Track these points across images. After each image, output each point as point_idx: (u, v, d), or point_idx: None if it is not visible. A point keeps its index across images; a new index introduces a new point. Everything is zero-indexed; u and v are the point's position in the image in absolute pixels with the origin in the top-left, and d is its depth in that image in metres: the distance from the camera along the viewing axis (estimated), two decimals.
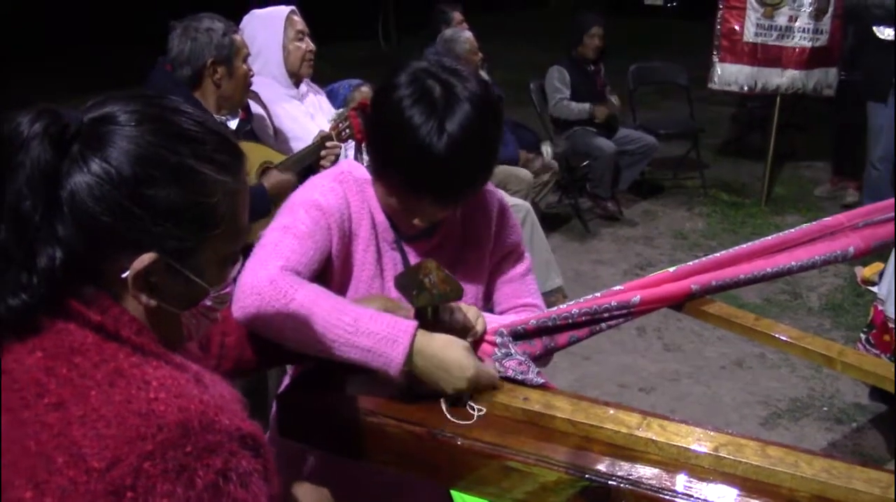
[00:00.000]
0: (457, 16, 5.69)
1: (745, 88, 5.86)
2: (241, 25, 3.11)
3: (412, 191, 1.42)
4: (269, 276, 1.32)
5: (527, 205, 4.55)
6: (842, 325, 4.33)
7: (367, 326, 1.26)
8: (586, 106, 5.66)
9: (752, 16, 5.67)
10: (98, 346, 0.87)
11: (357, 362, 1.28)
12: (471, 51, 4.90)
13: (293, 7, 3.11)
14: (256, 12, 3.12)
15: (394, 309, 1.36)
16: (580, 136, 5.74)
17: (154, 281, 0.92)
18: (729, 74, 5.84)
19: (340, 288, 1.51)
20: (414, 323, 1.29)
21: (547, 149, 5.33)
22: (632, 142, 5.87)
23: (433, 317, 1.30)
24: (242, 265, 1.11)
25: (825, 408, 3.62)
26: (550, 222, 5.82)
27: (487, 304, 1.70)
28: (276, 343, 1.32)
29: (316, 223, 1.45)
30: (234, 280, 1.07)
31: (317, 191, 1.51)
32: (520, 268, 1.70)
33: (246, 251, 1.54)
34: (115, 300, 0.91)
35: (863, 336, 3.59)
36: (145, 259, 0.90)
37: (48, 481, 0.80)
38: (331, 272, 1.50)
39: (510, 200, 4.53)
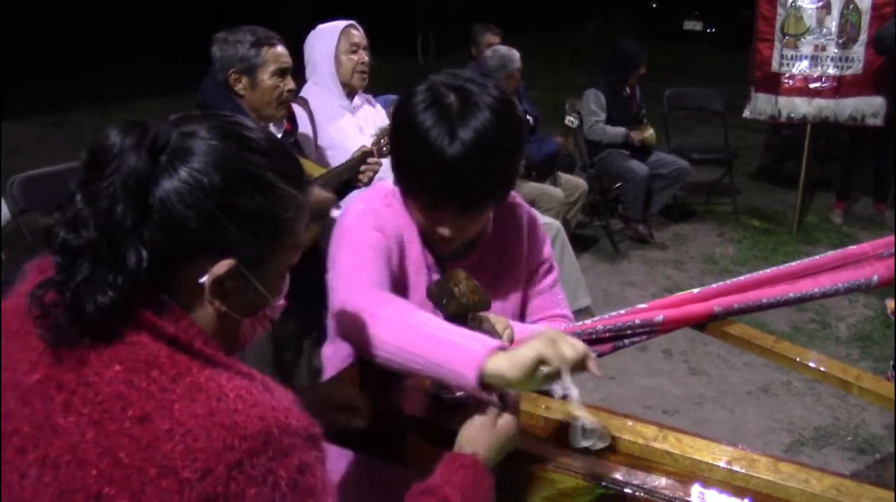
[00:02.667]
0: (489, 38, 5.75)
1: (775, 118, 5.86)
2: (307, 40, 3.24)
3: (427, 198, 1.46)
4: (364, 293, 1.35)
5: (557, 223, 4.59)
6: (870, 356, 4.32)
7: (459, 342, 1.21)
8: (622, 130, 5.70)
9: (778, 46, 5.69)
10: (172, 359, 0.92)
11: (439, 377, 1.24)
12: (519, 70, 4.98)
13: (352, 22, 3.22)
14: (319, 27, 3.26)
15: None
16: (613, 159, 5.78)
17: (227, 287, 0.98)
18: (761, 104, 5.86)
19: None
20: (482, 353, 1.17)
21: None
22: (665, 165, 5.90)
23: (462, 325, 1.35)
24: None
25: (849, 438, 3.61)
26: (581, 242, 5.85)
27: (522, 317, 1.75)
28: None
29: (380, 244, 1.48)
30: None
31: (371, 215, 1.53)
32: (549, 279, 1.75)
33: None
34: (184, 310, 0.97)
35: (892, 363, 3.58)
36: (224, 264, 0.96)
37: (143, 491, 0.85)
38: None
39: (542, 219, 4.60)
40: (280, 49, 2.70)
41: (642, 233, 5.93)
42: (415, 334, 1.24)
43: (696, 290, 1.68)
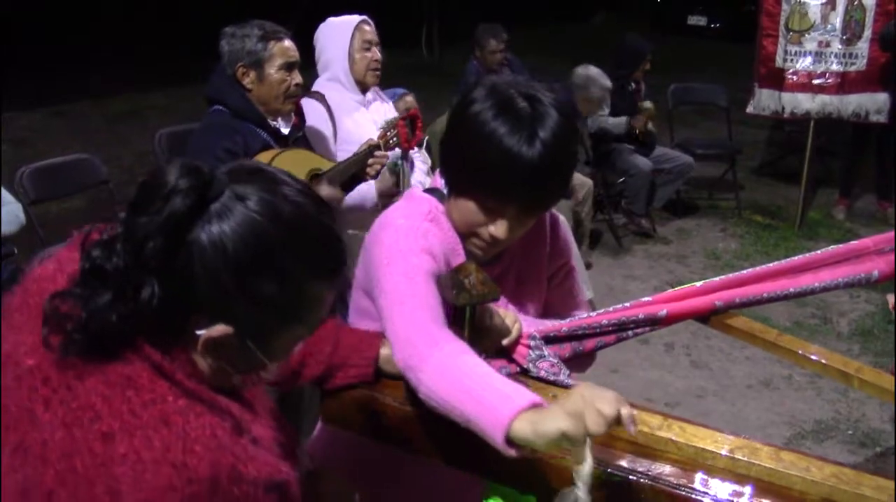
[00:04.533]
0: (493, 43, 5.73)
1: (778, 113, 5.88)
2: (316, 33, 3.26)
3: (498, 200, 1.45)
4: (420, 331, 1.35)
5: (562, 217, 4.60)
6: (870, 351, 4.35)
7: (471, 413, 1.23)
8: (623, 119, 5.72)
9: (783, 42, 5.71)
10: (151, 382, 0.94)
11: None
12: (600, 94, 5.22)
13: (365, 17, 3.23)
14: (330, 20, 3.26)
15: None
16: (617, 154, 5.80)
17: (220, 350, 0.99)
18: (765, 99, 5.87)
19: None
20: (511, 412, 1.17)
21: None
22: (668, 160, 5.93)
23: (471, 317, 1.38)
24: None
25: (850, 432, 3.65)
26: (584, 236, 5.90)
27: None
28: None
29: (431, 269, 1.46)
30: None
31: (419, 235, 1.50)
32: (568, 281, 1.78)
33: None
34: (183, 346, 0.99)
35: (894, 361, 3.62)
36: (221, 330, 0.97)
37: None
38: None
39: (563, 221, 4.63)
40: (287, 43, 2.72)
41: (645, 228, 5.96)
42: (455, 386, 1.25)
43: (698, 284, 1.71)
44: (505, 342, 1.45)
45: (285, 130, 2.76)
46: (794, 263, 1.79)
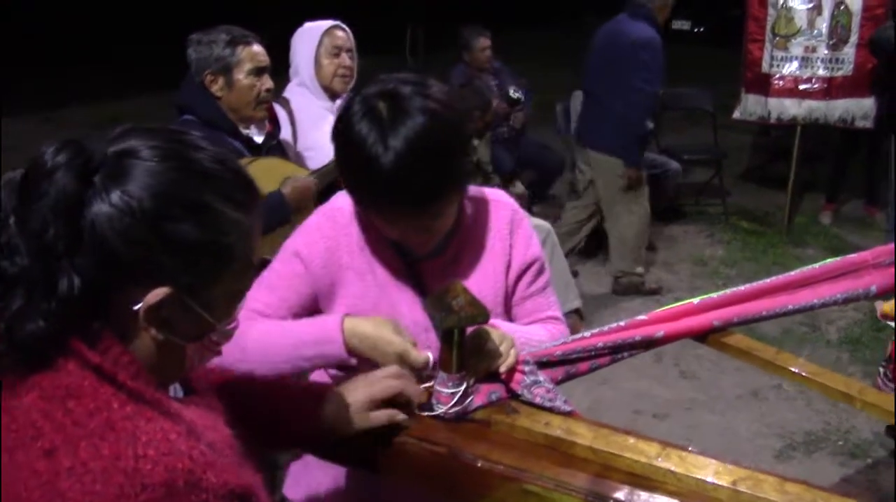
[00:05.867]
0: (482, 41, 5.70)
1: (764, 119, 5.86)
2: (293, 37, 3.18)
3: (375, 207, 1.46)
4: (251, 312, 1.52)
5: (548, 225, 4.53)
6: (859, 359, 4.32)
7: (304, 338, 1.48)
8: None
9: (769, 47, 5.69)
10: (94, 391, 0.88)
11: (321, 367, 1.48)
12: None
13: (338, 22, 3.16)
14: (305, 25, 3.19)
15: (395, 327, 1.46)
16: None
17: (165, 315, 0.93)
18: (751, 104, 5.86)
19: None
20: (337, 317, 1.48)
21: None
22: (655, 166, 5.88)
23: (460, 339, 1.32)
24: None
25: (840, 443, 3.61)
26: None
27: (508, 317, 1.72)
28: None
29: (293, 271, 1.59)
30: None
31: (303, 235, 1.62)
32: (540, 281, 1.72)
33: (260, 267, 1.60)
34: (120, 337, 0.92)
35: (881, 369, 3.58)
36: (159, 293, 0.91)
37: None
38: (329, 308, 1.60)
39: (532, 221, 4.57)
40: (256, 48, 2.65)
41: None
42: (278, 329, 1.51)
43: (695, 301, 1.65)
44: (502, 369, 1.39)
45: (258, 138, 2.68)
46: (791, 279, 1.73)
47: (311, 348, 1.48)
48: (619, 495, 1.20)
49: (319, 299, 1.61)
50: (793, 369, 1.57)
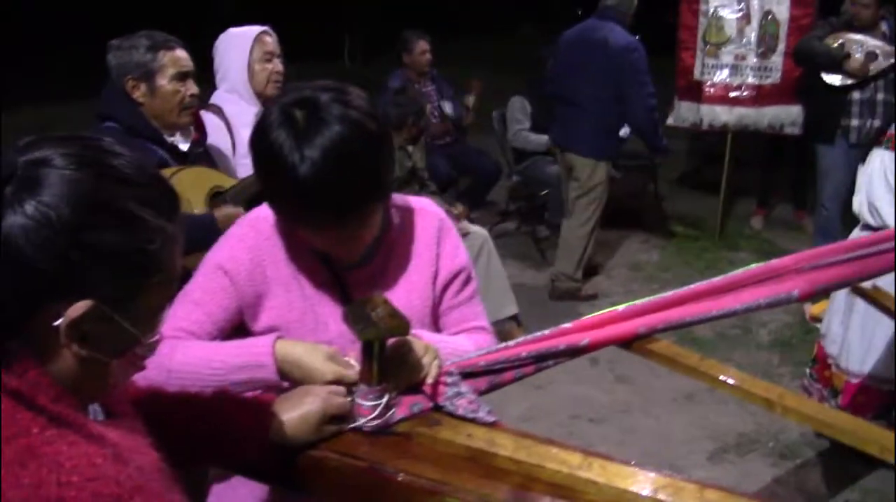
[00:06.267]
0: (422, 44, 5.71)
1: (697, 125, 5.96)
2: (216, 44, 3.12)
3: (295, 218, 1.44)
4: (175, 329, 1.48)
5: (484, 232, 4.57)
6: (789, 361, 4.40)
7: (234, 362, 1.43)
8: (544, 138, 5.72)
9: (700, 54, 5.79)
10: (11, 416, 0.83)
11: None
12: None
13: (266, 28, 3.11)
14: (230, 31, 3.13)
15: (327, 354, 1.41)
16: (538, 166, 5.79)
17: (87, 329, 0.88)
18: (684, 111, 5.96)
19: (269, 333, 1.51)
20: (268, 341, 1.44)
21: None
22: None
23: (380, 351, 1.29)
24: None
25: (771, 444, 3.66)
26: (508, 249, 5.86)
27: (436, 326, 1.71)
28: None
29: (218, 285, 1.55)
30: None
31: (225, 247, 1.59)
32: (467, 290, 1.70)
33: (184, 279, 1.56)
34: (39, 356, 0.88)
35: (808, 370, 3.67)
36: (80, 306, 0.86)
37: None
38: (254, 321, 1.56)
39: (469, 227, 4.57)
40: (179, 52, 2.57)
41: None
42: (207, 352, 1.46)
43: (620, 308, 1.65)
44: (428, 382, 1.37)
45: (184, 146, 2.62)
46: (716, 284, 1.75)
47: (242, 373, 1.43)
48: None
49: (244, 311, 1.57)
50: (716, 375, 1.57)
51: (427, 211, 1.69)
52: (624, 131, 5.17)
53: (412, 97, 4.56)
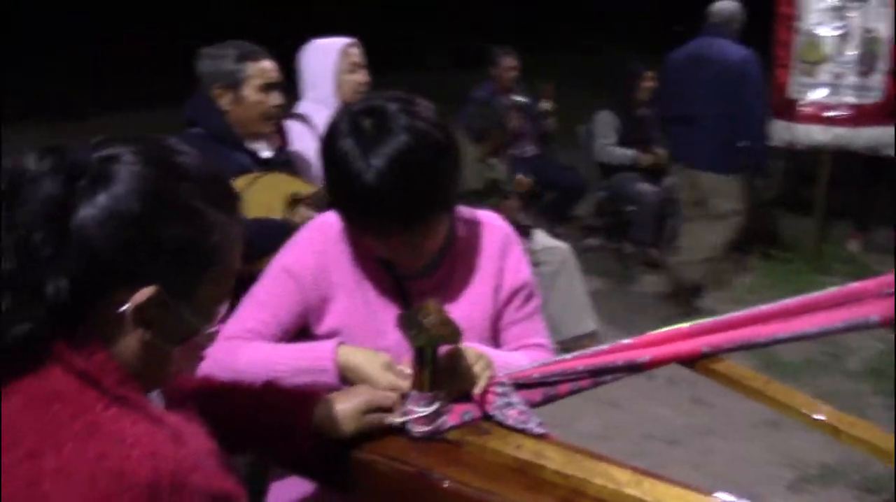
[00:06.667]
0: (508, 61, 5.73)
1: (792, 144, 5.79)
2: (300, 54, 3.20)
3: (360, 226, 1.47)
4: (220, 341, 1.47)
5: (566, 247, 4.55)
6: (880, 391, 4.22)
7: (298, 365, 1.47)
8: (630, 152, 5.66)
9: (795, 72, 5.63)
10: (78, 394, 0.88)
11: None
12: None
13: (352, 40, 3.18)
14: (315, 42, 3.21)
15: (384, 363, 1.44)
16: (625, 182, 5.73)
17: (151, 315, 0.93)
18: (779, 130, 5.78)
19: (331, 337, 1.55)
20: (331, 346, 1.48)
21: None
22: (677, 190, 5.83)
23: (432, 358, 1.30)
24: (231, 305, 1.13)
25: (856, 477, 3.51)
26: (592, 265, 5.80)
27: (496, 340, 1.71)
28: None
29: (284, 288, 1.59)
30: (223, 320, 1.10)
31: (292, 251, 1.63)
32: (529, 307, 1.70)
33: (250, 281, 1.61)
34: (105, 341, 0.93)
35: None
36: (145, 292, 0.92)
37: None
38: (317, 324, 1.60)
39: (550, 242, 4.55)
40: (266, 64, 2.65)
41: (654, 258, 5.86)
42: (274, 352, 1.51)
43: (686, 325, 1.62)
44: (475, 390, 1.38)
45: (267, 154, 2.69)
46: (789, 306, 1.70)
47: (305, 376, 1.47)
48: None
49: (309, 314, 1.61)
50: (780, 399, 1.53)
51: (493, 224, 1.69)
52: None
53: (495, 110, 4.57)
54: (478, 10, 14.47)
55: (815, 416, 1.49)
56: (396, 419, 1.33)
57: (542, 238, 4.58)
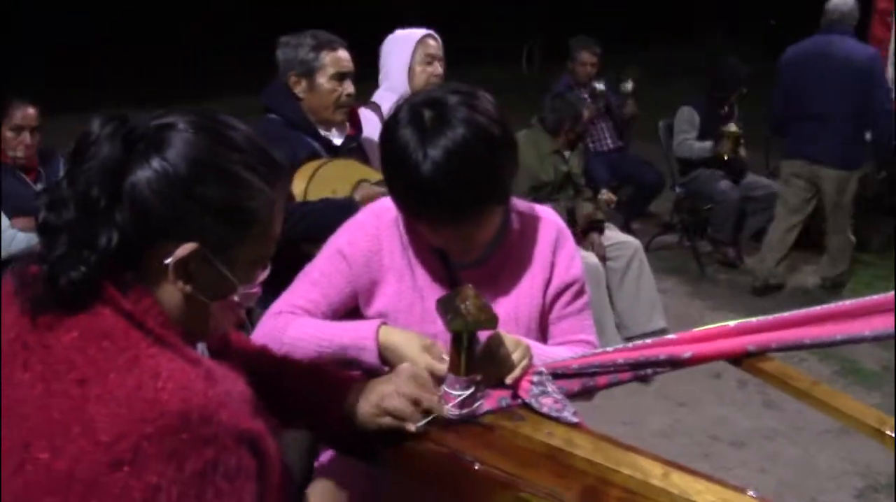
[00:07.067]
0: (585, 55, 5.68)
1: None
2: (382, 45, 3.27)
3: (414, 215, 1.50)
4: (272, 315, 1.62)
5: (636, 242, 4.51)
6: None
7: (341, 341, 1.49)
8: (707, 145, 5.56)
9: (891, 69, 5.44)
10: (125, 333, 0.98)
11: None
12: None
13: (430, 31, 3.23)
14: (396, 32, 3.27)
15: (424, 345, 1.47)
16: (704, 179, 5.63)
17: (192, 269, 1.03)
18: None
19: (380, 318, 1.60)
20: (373, 326, 1.52)
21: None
22: (758, 188, 5.72)
23: (469, 344, 1.33)
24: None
25: None
26: (667, 263, 5.73)
27: (544, 335, 1.72)
28: None
29: (336, 268, 1.64)
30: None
31: (346, 233, 1.68)
32: (578, 303, 1.71)
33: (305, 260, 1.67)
34: (150, 289, 1.03)
35: None
36: (187, 247, 1.02)
37: (63, 447, 0.90)
38: (367, 306, 1.65)
39: (620, 237, 4.52)
40: (341, 53, 2.72)
41: (731, 258, 5.75)
42: (320, 328, 1.56)
43: (731, 324, 1.61)
44: (508, 380, 1.41)
45: (338, 141, 2.76)
46: (845, 308, 1.67)
47: (347, 352, 1.53)
48: None
49: (359, 295, 1.66)
50: (827, 401, 1.51)
51: (547, 219, 1.71)
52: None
53: (570, 103, 4.55)
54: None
55: (859, 418, 1.45)
56: (419, 423, 1.33)
57: (612, 233, 4.55)
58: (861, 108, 4.93)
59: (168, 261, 1.02)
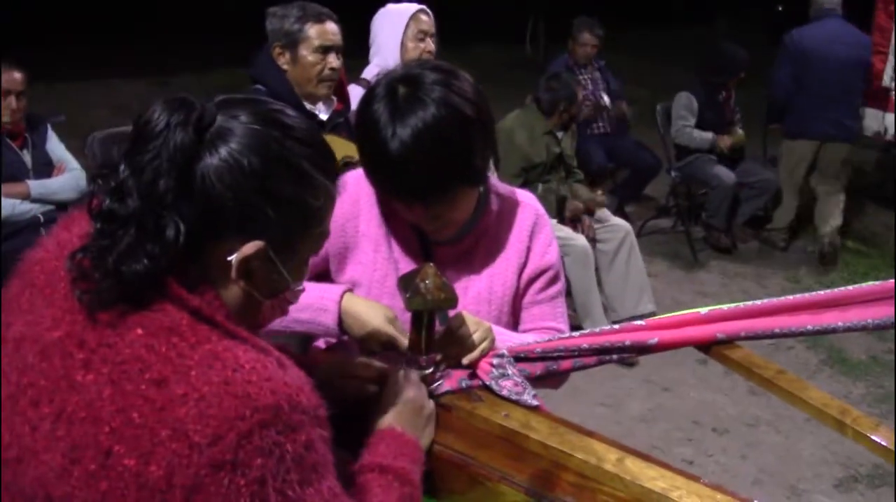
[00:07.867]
0: (586, 36, 5.64)
1: (880, 135, 5.58)
2: (373, 19, 3.23)
3: (385, 192, 1.49)
4: None
5: (627, 225, 4.50)
6: None
7: (303, 301, 1.40)
8: (709, 135, 5.53)
9: (892, 60, 5.41)
10: (192, 328, 0.94)
11: (307, 333, 1.54)
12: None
13: (423, 7, 3.19)
14: (388, 7, 3.23)
15: (388, 317, 1.46)
16: (700, 164, 5.60)
17: (253, 268, 1.00)
18: (869, 119, 5.60)
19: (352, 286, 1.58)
20: (339, 290, 1.50)
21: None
22: (753, 174, 5.69)
23: (429, 323, 1.32)
24: None
25: None
26: (660, 247, 5.72)
27: (516, 319, 1.71)
28: None
29: None
30: None
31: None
32: (551, 290, 1.70)
33: None
34: (211, 283, 0.99)
35: None
36: (253, 245, 0.98)
37: (152, 452, 0.87)
38: (339, 273, 1.62)
39: (610, 219, 4.50)
40: (328, 26, 2.69)
41: (724, 244, 5.73)
42: None
43: (703, 310, 1.59)
44: (465, 360, 1.40)
45: (324, 115, 2.73)
46: (819, 298, 1.65)
47: (307, 313, 1.50)
48: (560, 495, 1.18)
49: (330, 260, 1.63)
50: (791, 391, 1.50)
51: (527, 203, 1.69)
52: None
53: (565, 83, 4.51)
54: None
55: (822, 408, 1.44)
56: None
57: (603, 215, 4.53)
58: (855, 87, 5.43)
59: (232, 257, 0.98)
